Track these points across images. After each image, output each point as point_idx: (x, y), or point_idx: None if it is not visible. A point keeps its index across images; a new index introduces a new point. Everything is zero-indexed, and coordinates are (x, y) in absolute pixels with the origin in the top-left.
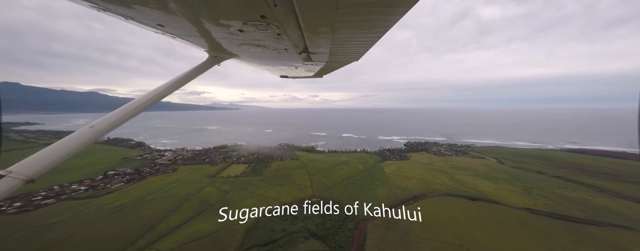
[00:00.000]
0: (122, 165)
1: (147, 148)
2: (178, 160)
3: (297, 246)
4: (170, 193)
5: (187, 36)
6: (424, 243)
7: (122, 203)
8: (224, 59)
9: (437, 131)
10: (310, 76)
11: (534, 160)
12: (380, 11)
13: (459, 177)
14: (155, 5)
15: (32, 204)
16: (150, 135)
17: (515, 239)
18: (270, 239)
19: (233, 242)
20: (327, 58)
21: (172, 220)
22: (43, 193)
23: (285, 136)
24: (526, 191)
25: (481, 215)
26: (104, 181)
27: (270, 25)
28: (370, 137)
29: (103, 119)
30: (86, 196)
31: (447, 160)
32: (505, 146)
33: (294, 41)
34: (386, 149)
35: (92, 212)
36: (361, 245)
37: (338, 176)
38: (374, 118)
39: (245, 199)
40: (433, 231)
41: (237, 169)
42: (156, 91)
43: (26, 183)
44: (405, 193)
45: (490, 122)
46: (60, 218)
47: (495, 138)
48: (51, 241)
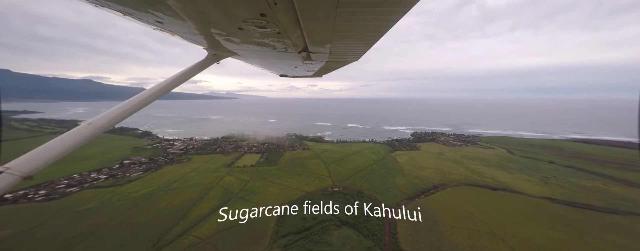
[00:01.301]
0: (135, 154)
1: (155, 137)
2: (189, 150)
3: (331, 234)
4: (192, 182)
5: (186, 34)
6: (455, 232)
7: (147, 192)
8: (223, 57)
9: (442, 121)
10: (310, 76)
11: (543, 150)
12: (381, 11)
13: (473, 167)
14: (154, 1)
15: (57, 192)
16: (155, 124)
17: (543, 228)
18: (303, 227)
19: (267, 230)
20: (327, 58)
21: (201, 208)
22: (65, 181)
23: (290, 125)
24: (542, 180)
25: (505, 205)
26: (121, 170)
27: (269, 24)
28: (376, 127)
29: (101, 116)
30: (108, 184)
31: (457, 150)
32: (512, 136)
33: (293, 40)
34: (394, 139)
35: (121, 200)
36: (393, 233)
37: (354, 166)
38: (375, 108)
39: (267, 188)
40: (461, 220)
41: (251, 159)
42: (154, 89)
43: (24, 179)
44: (425, 183)
45: (492, 112)
46: (89, 206)
47: (500, 128)
48: (90, 227)
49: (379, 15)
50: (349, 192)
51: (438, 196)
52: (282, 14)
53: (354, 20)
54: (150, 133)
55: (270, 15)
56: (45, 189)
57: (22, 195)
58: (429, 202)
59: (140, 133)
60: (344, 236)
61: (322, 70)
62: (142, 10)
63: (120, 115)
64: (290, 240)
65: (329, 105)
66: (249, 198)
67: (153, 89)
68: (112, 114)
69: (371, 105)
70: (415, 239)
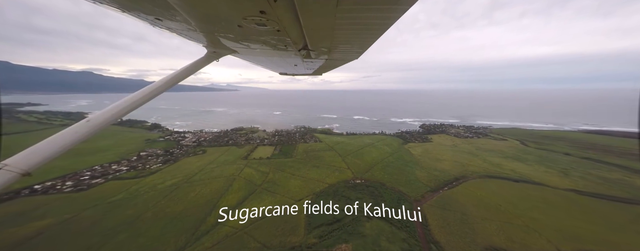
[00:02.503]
0: (149, 146)
1: (165, 129)
2: (202, 142)
3: (363, 226)
4: (214, 174)
5: (184, 31)
6: (487, 224)
7: (172, 183)
8: (223, 55)
9: (448, 113)
10: (310, 74)
11: (556, 142)
12: (381, 8)
13: (490, 159)
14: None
15: (84, 184)
16: (162, 117)
17: (573, 219)
18: (334, 219)
19: (299, 221)
20: (327, 56)
21: (229, 199)
22: (88, 173)
23: (296, 118)
24: (562, 172)
25: (531, 197)
26: (140, 161)
27: (269, 21)
28: (382, 119)
29: (100, 113)
30: (131, 176)
31: (470, 142)
32: (522, 128)
33: (293, 38)
34: (404, 131)
35: (149, 191)
36: (425, 225)
37: (370, 158)
38: (378, 100)
39: (288, 180)
40: (491, 212)
41: (266, 151)
42: (152, 87)
43: (22, 176)
44: (445, 175)
45: (499, 103)
46: (119, 197)
47: (509, 119)
48: (127, 217)
49: (379, 13)
50: (371, 184)
51: (462, 188)
52: (282, 11)
53: (354, 18)
54: (159, 125)
55: (270, 12)
56: (71, 181)
57: (51, 186)
58: (454, 194)
59: (150, 125)
60: (377, 228)
61: (321, 68)
62: (140, 7)
63: (118, 112)
64: (324, 231)
65: (331, 97)
66: (273, 189)
67: (151, 87)
68: (110, 111)
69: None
70: (448, 230)
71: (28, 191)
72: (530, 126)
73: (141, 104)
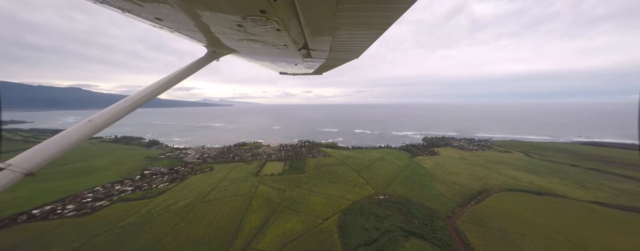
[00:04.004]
0: (151, 164)
1: (164, 146)
2: (206, 158)
3: (403, 246)
4: (228, 192)
5: (185, 30)
6: (528, 240)
7: (186, 203)
8: (223, 55)
9: (446, 125)
10: (310, 73)
11: (559, 153)
12: (381, 7)
13: (504, 171)
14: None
15: (87, 207)
16: (159, 133)
17: (611, 232)
18: (370, 238)
19: (332, 241)
20: (327, 55)
21: (252, 219)
22: (90, 194)
23: (297, 132)
24: (577, 184)
25: (560, 210)
26: (144, 181)
27: (269, 21)
28: (383, 133)
29: (100, 113)
30: (139, 197)
31: (476, 154)
32: (520, 140)
33: (293, 37)
34: (408, 144)
35: (162, 213)
36: (467, 244)
37: (385, 172)
38: (374, 114)
39: (308, 197)
40: (528, 228)
41: (276, 167)
42: (152, 87)
43: (25, 176)
44: (465, 189)
45: (490, 116)
46: (131, 220)
47: (504, 132)
48: (146, 243)
49: (379, 11)
50: (396, 200)
51: (489, 202)
52: (282, 10)
53: (354, 17)
54: (158, 141)
55: (270, 11)
56: (72, 204)
57: (51, 210)
58: (483, 209)
59: (147, 141)
60: (418, 248)
61: (322, 67)
62: (141, 7)
63: (120, 112)
64: None
65: (326, 111)
66: (294, 207)
67: (153, 85)
68: (112, 111)
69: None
70: (494, 248)
71: (25, 217)
72: (527, 138)
73: (142, 103)
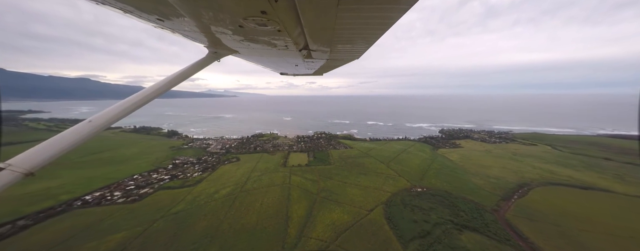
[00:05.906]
0: (178, 154)
1: (184, 137)
2: (229, 149)
3: (459, 238)
4: (263, 182)
5: (186, 31)
6: (589, 236)
7: (227, 192)
8: (224, 55)
9: (461, 117)
10: (311, 74)
11: (587, 147)
12: (382, 8)
13: (537, 165)
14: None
15: (133, 194)
16: (174, 124)
17: None
18: (422, 230)
19: (384, 233)
20: (328, 56)
21: (297, 209)
22: (131, 182)
23: (310, 123)
24: (617, 177)
25: (610, 205)
26: (177, 170)
27: (270, 21)
28: (397, 124)
29: (101, 114)
30: (179, 185)
31: (501, 147)
32: (542, 132)
33: (294, 38)
34: (427, 136)
35: (209, 201)
36: (524, 238)
37: (414, 164)
38: (383, 105)
39: (344, 188)
40: (583, 223)
41: (300, 158)
42: (154, 87)
43: (26, 176)
44: (503, 183)
45: (505, 108)
46: (180, 207)
47: (523, 124)
48: (205, 230)
49: (380, 12)
50: (436, 193)
51: (533, 196)
52: (283, 11)
53: (355, 18)
54: (177, 132)
55: (271, 12)
56: (118, 190)
57: (101, 197)
58: (530, 203)
59: (166, 132)
60: (475, 241)
61: (322, 68)
62: (142, 8)
63: (120, 113)
64: (422, 245)
65: (331, 102)
66: (333, 198)
67: (153, 87)
68: (112, 112)
69: (375, 102)
70: (555, 244)
71: (80, 203)
72: (549, 131)
73: (142, 105)
